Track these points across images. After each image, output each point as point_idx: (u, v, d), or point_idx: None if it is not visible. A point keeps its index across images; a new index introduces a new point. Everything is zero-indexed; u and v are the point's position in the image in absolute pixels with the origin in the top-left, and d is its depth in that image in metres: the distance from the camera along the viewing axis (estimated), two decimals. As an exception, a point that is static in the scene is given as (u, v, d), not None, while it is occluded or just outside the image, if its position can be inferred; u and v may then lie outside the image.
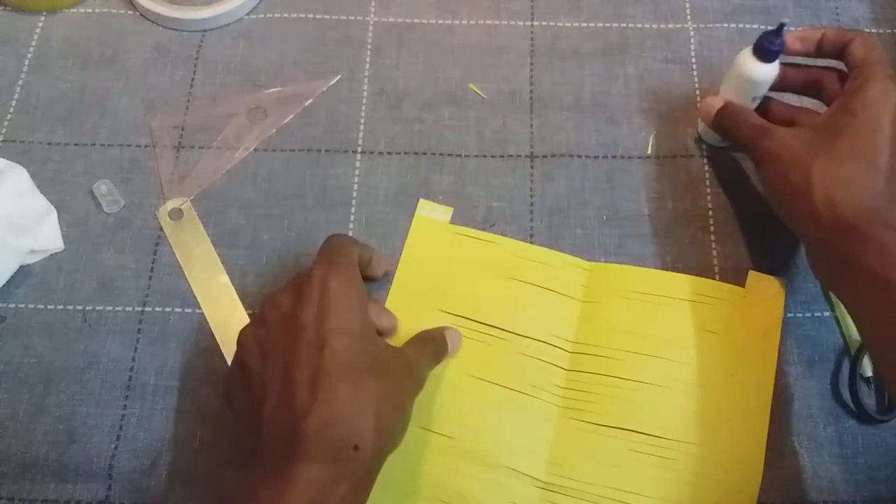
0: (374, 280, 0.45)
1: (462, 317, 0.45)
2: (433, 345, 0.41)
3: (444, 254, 0.47)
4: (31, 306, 0.46)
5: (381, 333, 0.42)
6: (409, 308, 0.45)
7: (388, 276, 0.46)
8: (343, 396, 0.32)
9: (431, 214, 0.48)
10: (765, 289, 0.46)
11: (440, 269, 0.47)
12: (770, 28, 0.44)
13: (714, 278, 0.47)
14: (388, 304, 0.46)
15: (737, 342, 0.44)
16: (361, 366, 0.33)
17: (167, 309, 0.46)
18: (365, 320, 0.35)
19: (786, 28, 0.43)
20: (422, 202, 0.49)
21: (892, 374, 0.36)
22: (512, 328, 0.45)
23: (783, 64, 0.44)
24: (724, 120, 0.45)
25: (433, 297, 0.46)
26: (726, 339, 0.44)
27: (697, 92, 0.54)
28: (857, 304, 0.38)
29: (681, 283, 0.46)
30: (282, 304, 0.35)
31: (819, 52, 0.43)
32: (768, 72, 0.45)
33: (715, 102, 0.46)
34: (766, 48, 0.44)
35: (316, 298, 0.34)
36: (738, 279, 0.47)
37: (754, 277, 0.46)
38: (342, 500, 0.30)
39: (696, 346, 0.44)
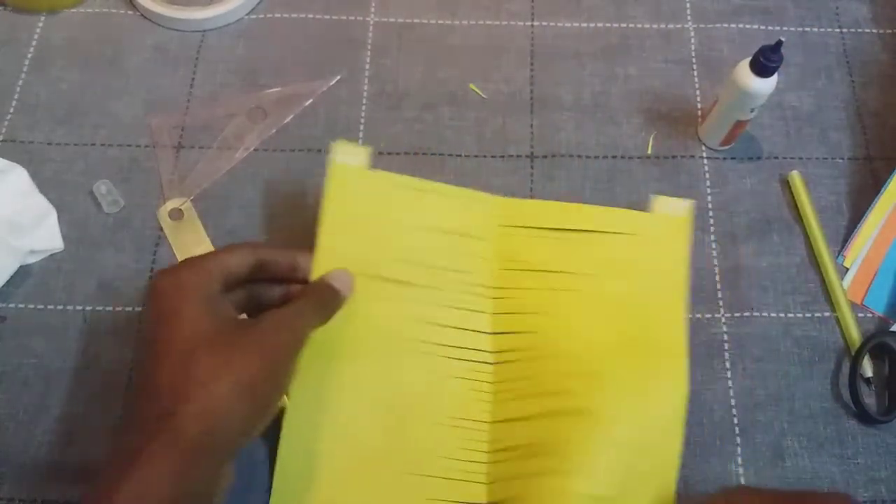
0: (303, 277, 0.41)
1: (388, 280, 0.43)
2: (311, 300, 0.39)
3: (361, 206, 0.44)
4: (30, 306, 0.46)
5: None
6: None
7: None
8: (160, 373, 0.33)
9: (348, 159, 0.44)
10: (671, 211, 0.46)
11: (367, 222, 0.44)
12: (769, 27, 0.44)
13: (714, 279, 0.48)
14: (315, 271, 0.43)
15: (647, 268, 0.44)
16: (186, 344, 0.33)
17: (167, 309, 0.46)
18: (191, 305, 0.35)
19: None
20: (336, 145, 0.44)
21: None
22: (434, 283, 0.44)
23: None
24: None
25: (362, 263, 0.43)
26: (637, 266, 0.44)
27: (698, 92, 0.54)
28: None
29: (591, 215, 0.46)
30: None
31: None
32: (765, 86, 0.45)
33: None
34: (763, 64, 0.44)
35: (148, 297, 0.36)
36: (738, 280, 0.47)
37: (659, 202, 0.46)
38: (153, 463, 0.30)
39: (608, 276, 0.44)
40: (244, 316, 0.39)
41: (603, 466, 0.38)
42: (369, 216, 0.44)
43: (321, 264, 0.42)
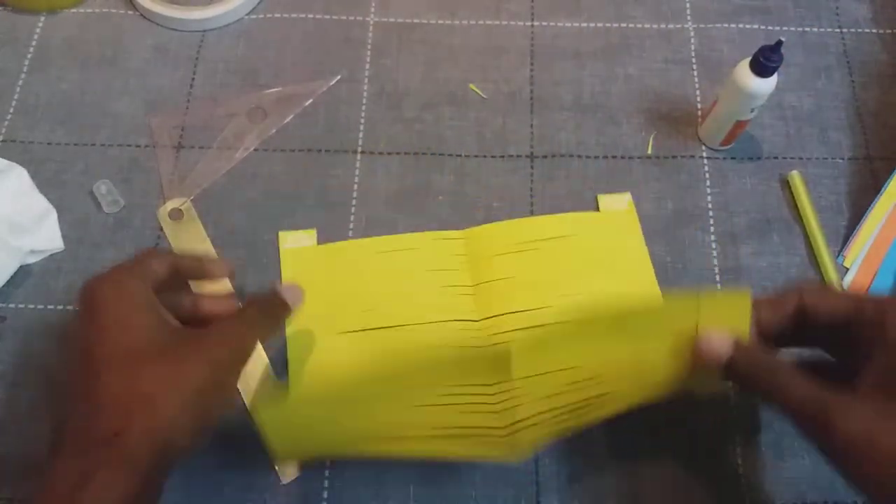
0: (215, 280, 0.42)
1: (365, 330, 0.45)
2: (259, 311, 0.37)
3: (322, 277, 0.46)
4: (31, 306, 0.46)
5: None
6: (310, 341, 0.44)
7: (233, 276, 0.43)
8: (101, 387, 0.31)
9: (297, 244, 0.47)
10: (617, 205, 0.49)
11: (325, 292, 0.45)
12: (769, 27, 0.44)
13: (714, 279, 0.48)
14: (290, 345, 0.44)
15: (611, 260, 0.47)
16: (130, 355, 0.32)
17: (167, 309, 0.46)
18: (136, 314, 0.33)
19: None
20: (282, 235, 0.47)
21: None
22: (416, 320, 0.45)
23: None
24: (759, 374, 0.34)
25: (330, 323, 0.45)
26: (603, 260, 0.47)
27: (698, 92, 0.54)
28: None
29: (548, 224, 0.48)
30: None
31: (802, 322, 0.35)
32: (766, 86, 0.45)
33: (722, 343, 0.35)
34: (763, 64, 0.44)
35: (84, 305, 0.34)
36: (738, 280, 0.47)
37: (604, 200, 0.49)
38: (105, 489, 0.29)
39: (580, 277, 0.46)
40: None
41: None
42: (333, 283, 0.46)
43: (295, 345, 0.44)
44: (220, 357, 0.33)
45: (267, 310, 0.38)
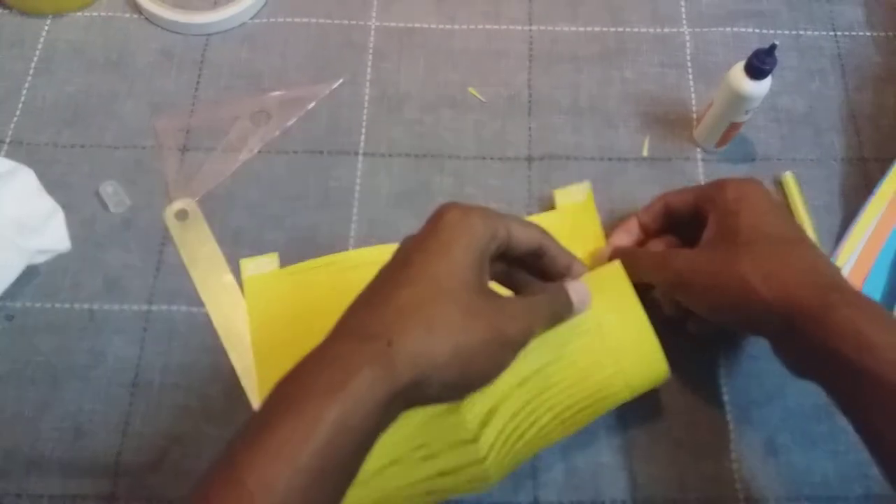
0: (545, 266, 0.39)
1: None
2: (547, 302, 0.36)
3: (289, 302, 0.45)
4: (38, 305, 0.47)
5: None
6: (281, 370, 0.43)
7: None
8: (403, 297, 0.32)
9: (258, 270, 0.47)
10: (576, 197, 0.50)
11: (293, 317, 0.45)
12: (763, 30, 0.45)
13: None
14: (258, 373, 0.44)
15: (581, 252, 0.47)
16: (435, 284, 0.32)
17: (172, 308, 0.47)
18: (467, 254, 0.33)
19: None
20: (243, 262, 0.47)
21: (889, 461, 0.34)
22: None
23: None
24: (623, 259, 0.42)
25: (302, 348, 0.42)
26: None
27: (693, 95, 0.55)
28: (839, 394, 0.36)
29: None
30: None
31: (661, 226, 0.46)
32: (760, 89, 0.46)
33: (605, 252, 0.46)
34: (757, 67, 0.45)
35: (435, 219, 0.35)
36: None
37: (560, 194, 0.50)
38: (368, 384, 0.29)
39: None
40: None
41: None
42: (300, 306, 0.45)
43: (261, 373, 0.44)
44: (500, 330, 0.33)
45: (553, 303, 0.37)
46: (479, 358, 0.32)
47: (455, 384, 0.32)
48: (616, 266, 0.40)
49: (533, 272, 0.39)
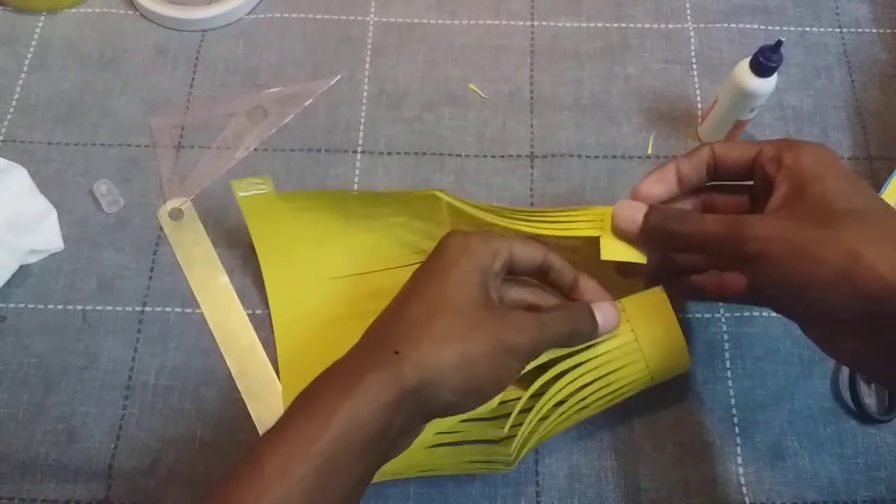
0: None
1: (352, 275, 0.45)
2: (563, 319, 0.37)
3: (294, 222, 0.44)
4: (31, 306, 0.46)
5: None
6: (292, 289, 0.44)
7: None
8: (407, 312, 0.35)
9: (252, 191, 0.44)
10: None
11: (300, 237, 0.44)
12: (768, 27, 0.44)
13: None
14: (270, 296, 0.45)
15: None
16: (444, 302, 0.35)
17: (167, 309, 0.46)
18: (467, 272, 0.36)
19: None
20: (234, 184, 0.44)
21: None
22: (403, 262, 0.45)
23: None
24: (671, 222, 0.37)
25: (312, 268, 0.44)
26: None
27: (698, 92, 0.54)
28: None
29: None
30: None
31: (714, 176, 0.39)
32: (766, 86, 0.45)
33: (633, 209, 0.38)
34: (762, 63, 0.44)
35: (440, 246, 0.37)
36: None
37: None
38: (371, 388, 0.32)
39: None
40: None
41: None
42: (301, 232, 0.45)
43: (273, 291, 0.44)
44: (505, 342, 0.34)
45: (572, 321, 0.37)
46: (482, 365, 0.34)
47: (462, 390, 0.34)
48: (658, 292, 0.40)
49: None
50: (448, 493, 0.42)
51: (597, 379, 0.39)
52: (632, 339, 0.39)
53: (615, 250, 0.38)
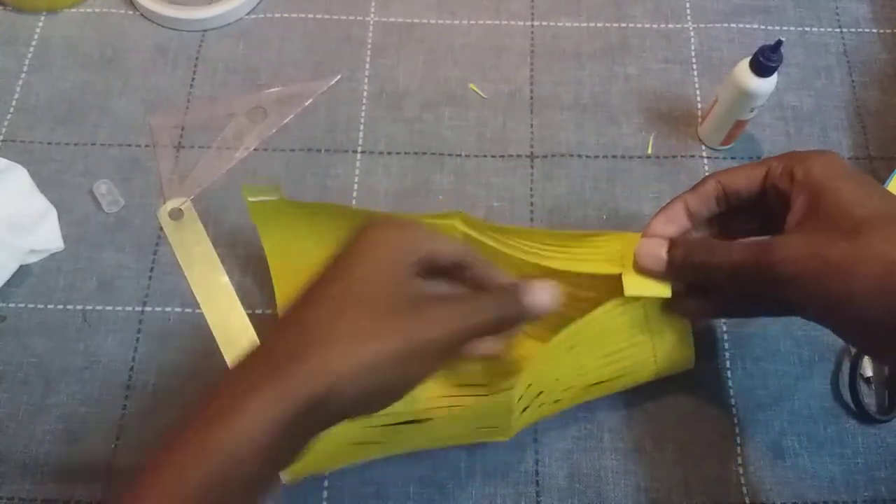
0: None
1: None
2: (486, 305, 0.34)
3: (304, 229, 0.43)
4: (30, 306, 0.46)
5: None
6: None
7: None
8: (305, 315, 0.31)
9: (261, 197, 0.43)
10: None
11: (310, 241, 0.43)
12: (768, 27, 0.44)
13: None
14: (279, 297, 0.44)
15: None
16: (354, 296, 0.32)
17: (167, 309, 0.46)
18: (377, 266, 0.33)
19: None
20: (245, 187, 0.42)
21: None
22: None
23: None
24: (697, 255, 0.36)
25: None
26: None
27: (698, 92, 0.54)
28: None
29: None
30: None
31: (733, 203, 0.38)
32: (766, 86, 0.45)
33: (655, 246, 0.37)
34: (762, 64, 0.44)
35: (351, 238, 0.34)
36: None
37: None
38: (264, 404, 0.28)
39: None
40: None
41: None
42: (312, 240, 0.44)
43: (282, 292, 0.44)
44: (419, 337, 0.31)
45: (496, 307, 0.34)
46: (392, 364, 0.31)
47: (371, 391, 0.31)
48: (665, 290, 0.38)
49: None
50: (448, 492, 0.42)
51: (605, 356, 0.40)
52: (642, 317, 0.39)
53: (639, 286, 0.37)
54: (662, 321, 0.40)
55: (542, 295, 0.35)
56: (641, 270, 0.37)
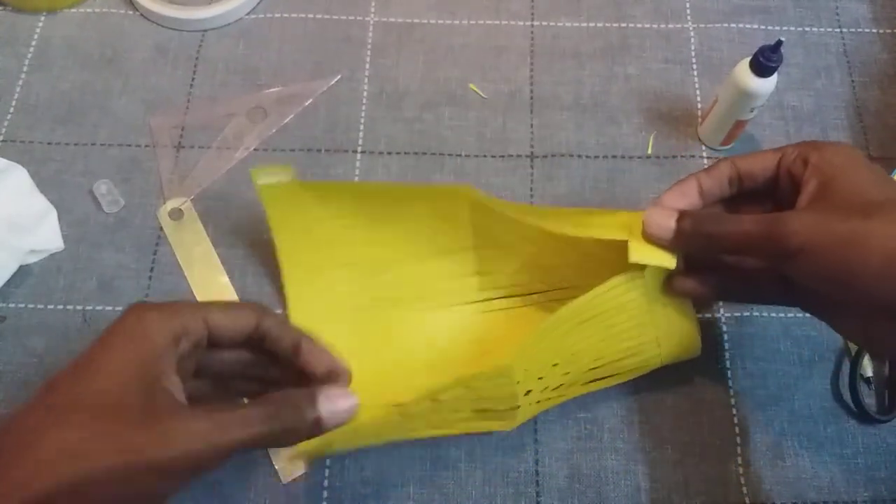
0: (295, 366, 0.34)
1: (373, 263, 0.45)
2: (260, 418, 0.29)
3: (316, 210, 0.43)
4: (30, 306, 0.46)
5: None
6: (311, 273, 0.44)
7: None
8: (20, 416, 0.28)
9: (270, 180, 0.41)
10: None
11: (322, 223, 0.43)
12: (768, 27, 0.44)
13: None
14: (288, 285, 0.45)
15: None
16: (84, 401, 0.28)
17: (167, 309, 0.46)
18: (123, 364, 0.28)
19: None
20: (254, 172, 0.41)
21: None
22: (419, 292, 0.45)
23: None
24: (706, 225, 0.36)
25: (328, 259, 0.44)
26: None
27: (698, 92, 0.54)
28: None
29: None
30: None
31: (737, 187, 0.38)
32: (766, 86, 0.45)
33: (664, 215, 0.37)
34: (762, 63, 0.44)
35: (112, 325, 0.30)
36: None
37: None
38: None
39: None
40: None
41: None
42: (322, 219, 0.44)
43: (291, 278, 0.44)
44: (153, 457, 0.27)
45: (278, 419, 0.30)
46: (104, 484, 0.26)
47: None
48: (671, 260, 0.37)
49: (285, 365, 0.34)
50: (448, 493, 0.42)
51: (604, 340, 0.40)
52: (644, 297, 0.39)
53: (644, 254, 0.37)
54: (667, 304, 0.40)
55: (344, 406, 0.31)
56: (649, 238, 0.37)
